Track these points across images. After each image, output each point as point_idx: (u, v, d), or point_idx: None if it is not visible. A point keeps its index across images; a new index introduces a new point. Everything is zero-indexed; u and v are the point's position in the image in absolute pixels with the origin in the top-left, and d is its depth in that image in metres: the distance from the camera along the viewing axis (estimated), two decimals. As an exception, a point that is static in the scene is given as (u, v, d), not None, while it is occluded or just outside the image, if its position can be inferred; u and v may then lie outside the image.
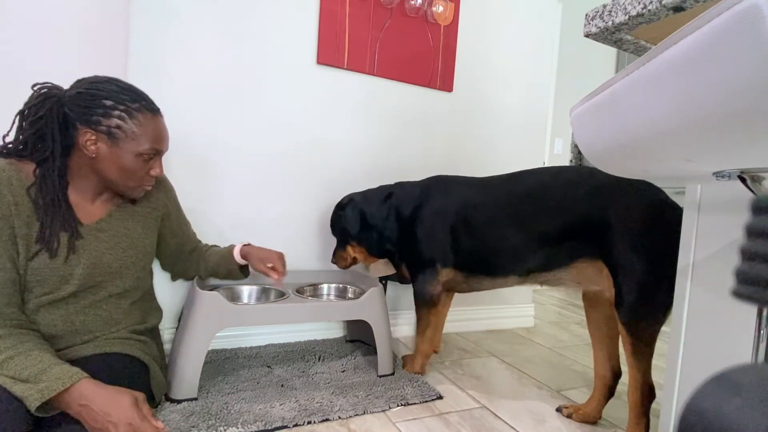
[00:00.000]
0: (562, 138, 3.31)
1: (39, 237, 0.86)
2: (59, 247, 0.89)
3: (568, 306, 2.62)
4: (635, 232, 1.00)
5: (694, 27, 0.36)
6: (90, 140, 0.88)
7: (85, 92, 0.88)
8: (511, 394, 1.36)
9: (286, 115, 1.61)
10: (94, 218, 0.96)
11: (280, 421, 1.08)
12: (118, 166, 0.91)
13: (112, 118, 0.88)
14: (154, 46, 1.40)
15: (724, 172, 0.53)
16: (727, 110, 0.35)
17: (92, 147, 0.88)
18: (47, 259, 0.88)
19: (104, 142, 0.89)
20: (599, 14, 0.81)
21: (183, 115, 1.46)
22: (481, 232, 1.27)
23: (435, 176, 1.48)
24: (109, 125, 0.88)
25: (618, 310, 1.02)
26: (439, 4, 1.79)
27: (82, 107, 0.87)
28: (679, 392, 0.86)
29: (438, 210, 1.36)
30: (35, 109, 0.88)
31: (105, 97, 0.88)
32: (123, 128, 0.89)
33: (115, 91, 0.89)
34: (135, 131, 0.90)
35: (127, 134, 0.90)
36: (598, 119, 0.55)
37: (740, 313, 0.75)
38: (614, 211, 1.03)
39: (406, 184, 1.49)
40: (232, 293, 1.44)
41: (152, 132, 0.93)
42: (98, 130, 0.88)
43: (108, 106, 0.88)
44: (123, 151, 0.90)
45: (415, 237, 1.38)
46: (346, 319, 1.71)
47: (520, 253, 1.21)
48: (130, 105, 0.90)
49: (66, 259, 0.89)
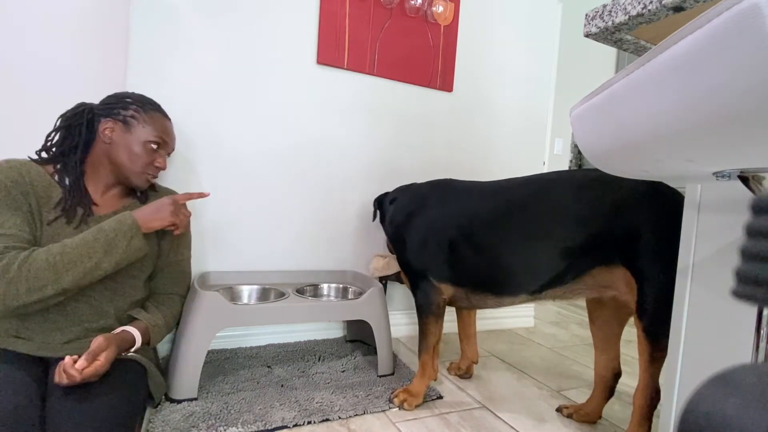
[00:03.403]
0: (562, 138, 3.31)
1: (60, 203, 0.98)
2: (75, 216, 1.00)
3: (568, 306, 2.62)
4: (663, 239, 0.97)
5: (694, 27, 0.36)
6: (108, 128, 1.04)
7: (113, 96, 1.09)
8: (511, 394, 1.36)
9: (286, 115, 1.61)
10: (101, 212, 1.05)
11: (280, 421, 1.08)
12: (128, 152, 1.06)
13: (129, 110, 1.06)
14: (154, 46, 1.40)
15: (724, 172, 0.53)
16: (727, 110, 0.35)
17: (109, 133, 1.04)
18: (62, 226, 0.97)
19: (120, 128, 1.05)
20: (599, 14, 0.81)
21: (183, 115, 1.46)
22: (486, 246, 1.16)
23: (437, 181, 1.37)
24: (126, 114, 1.06)
25: (641, 316, 0.99)
26: (439, 4, 1.79)
27: (107, 105, 1.07)
28: (679, 392, 0.86)
29: (433, 220, 1.26)
30: (71, 112, 1.05)
31: (127, 97, 1.09)
32: (137, 118, 1.07)
33: (136, 95, 1.10)
34: (146, 121, 1.08)
35: (139, 122, 1.07)
36: (598, 119, 0.55)
37: (740, 313, 0.75)
38: (642, 220, 0.99)
39: (413, 186, 1.42)
40: (232, 293, 1.44)
41: (161, 126, 1.10)
42: (116, 118, 1.05)
43: (128, 102, 1.07)
44: (134, 138, 1.06)
45: (405, 246, 1.30)
46: (346, 319, 1.71)
47: (533, 270, 1.11)
48: (146, 104, 1.09)
49: (77, 227, 0.99)
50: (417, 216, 1.30)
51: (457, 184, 1.32)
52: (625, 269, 1.02)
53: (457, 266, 1.21)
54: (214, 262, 1.54)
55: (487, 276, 1.18)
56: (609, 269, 1.04)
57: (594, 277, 1.07)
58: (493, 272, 1.16)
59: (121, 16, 1.41)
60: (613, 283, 1.05)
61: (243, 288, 1.47)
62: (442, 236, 1.23)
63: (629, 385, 1.45)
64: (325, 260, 1.72)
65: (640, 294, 0.99)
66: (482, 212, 1.19)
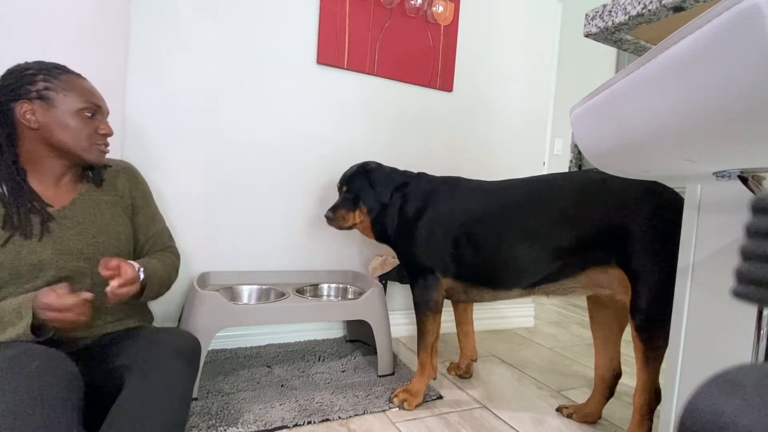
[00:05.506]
0: (562, 138, 3.31)
1: (6, 223, 0.87)
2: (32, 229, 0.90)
3: (568, 306, 2.62)
4: (656, 239, 0.98)
5: (694, 27, 0.36)
6: (27, 111, 0.89)
7: (6, 75, 0.92)
8: (511, 394, 1.36)
9: (286, 116, 1.61)
10: (57, 206, 0.96)
11: (280, 421, 1.08)
12: (62, 128, 0.92)
13: (37, 82, 0.90)
14: (154, 46, 1.40)
15: (724, 172, 0.53)
16: (727, 110, 0.35)
17: (32, 117, 0.90)
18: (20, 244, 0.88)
19: (40, 107, 0.90)
20: (599, 14, 0.81)
21: (183, 115, 1.46)
22: (488, 243, 1.19)
23: (445, 177, 1.38)
24: (38, 89, 0.90)
25: (634, 315, 1.00)
26: (439, 4, 1.79)
27: (8, 87, 0.90)
28: (679, 392, 0.86)
29: (442, 216, 1.26)
30: None
31: (25, 68, 0.91)
32: (51, 88, 0.91)
33: (32, 64, 0.93)
34: (64, 88, 0.92)
35: (58, 92, 0.91)
36: (598, 119, 0.55)
37: (740, 313, 0.75)
38: (635, 219, 1.01)
39: (424, 178, 1.39)
40: (232, 293, 1.44)
41: (81, 88, 0.95)
42: (30, 97, 0.89)
43: (30, 73, 0.91)
44: (61, 112, 0.92)
45: (413, 241, 1.28)
46: (346, 319, 1.71)
47: (530, 266, 1.14)
48: (51, 69, 0.93)
49: (40, 238, 0.90)
50: (428, 211, 1.28)
51: (466, 182, 1.34)
52: (619, 269, 1.03)
53: (464, 261, 1.23)
54: (213, 262, 1.54)
55: (487, 271, 1.20)
56: (604, 269, 1.07)
57: (589, 276, 1.09)
58: (493, 267, 1.19)
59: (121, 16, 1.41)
60: (608, 283, 1.08)
61: (243, 288, 1.47)
62: (451, 231, 1.24)
63: (629, 385, 1.45)
64: (325, 260, 1.72)
65: (633, 293, 1.01)
66: (488, 209, 1.21)
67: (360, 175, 1.40)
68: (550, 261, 1.12)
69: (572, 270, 1.11)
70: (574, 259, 1.09)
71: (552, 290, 1.17)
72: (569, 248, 1.09)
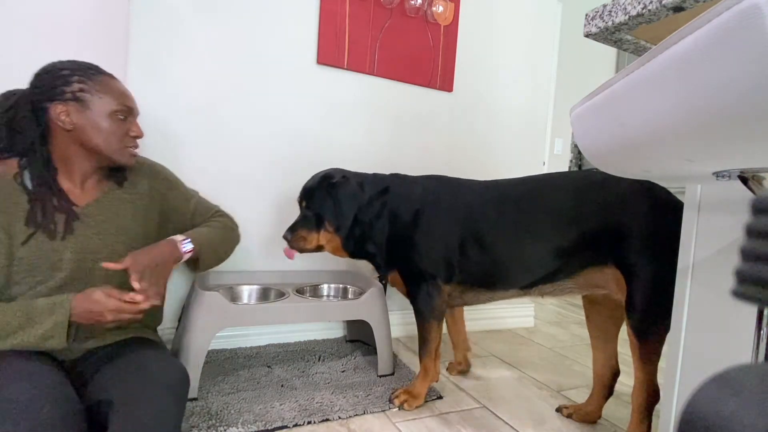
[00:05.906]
0: (562, 138, 3.31)
1: (30, 220, 0.88)
2: (56, 228, 0.90)
3: (568, 306, 2.62)
4: (652, 238, 0.99)
5: (694, 27, 0.36)
6: (62, 112, 0.89)
7: (42, 74, 0.92)
8: (511, 394, 1.36)
9: (286, 116, 1.61)
10: (82, 204, 0.96)
11: (280, 421, 1.08)
12: (96, 130, 0.92)
13: (72, 83, 0.90)
14: (154, 46, 1.40)
15: (724, 172, 0.53)
16: (727, 110, 0.35)
17: (66, 119, 0.90)
18: (42, 241, 0.89)
19: (75, 109, 0.90)
20: (599, 14, 0.81)
21: (183, 115, 1.46)
22: (488, 244, 1.17)
23: (435, 176, 1.32)
24: (73, 90, 0.90)
25: (630, 314, 1.00)
26: (439, 4, 1.79)
27: (44, 87, 0.90)
28: (679, 392, 0.86)
29: (446, 218, 1.21)
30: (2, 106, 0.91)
31: (60, 69, 0.91)
32: (86, 90, 0.91)
33: (66, 64, 0.93)
34: (99, 90, 0.92)
35: (93, 94, 0.92)
36: (598, 119, 0.55)
37: (740, 313, 0.75)
38: (631, 219, 1.01)
39: (405, 179, 1.31)
40: (232, 293, 1.44)
41: (116, 90, 0.95)
42: (65, 99, 0.90)
43: (65, 74, 0.91)
44: (95, 114, 0.92)
45: (414, 247, 1.22)
46: (346, 319, 1.71)
47: (528, 266, 1.14)
48: (85, 70, 0.93)
49: (63, 237, 0.91)
50: (428, 213, 1.22)
51: (457, 181, 1.29)
52: (616, 269, 1.04)
53: (465, 263, 1.20)
54: (214, 262, 1.54)
55: (486, 272, 1.19)
56: (600, 269, 1.07)
57: (585, 276, 1.10)
58: (491, 270, 1.18)
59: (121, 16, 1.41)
60: (605, 282, 1.08)
61: (243, 288, 1.47)
62: (453, 234, 1.20)
63: (629, 384, 1.44)
64: (325, 260, 1.72)
65: (629, 292, 1.01)
66: (487, 210, 1.20)
67: (322, 192, 1.25)
68: (549, 261, 1.12)
69: (570, 270, 1.11)
70: (572, 258, 1.09)
71: (549, 290, 1.17)
72: (568, 248, 1.09)
